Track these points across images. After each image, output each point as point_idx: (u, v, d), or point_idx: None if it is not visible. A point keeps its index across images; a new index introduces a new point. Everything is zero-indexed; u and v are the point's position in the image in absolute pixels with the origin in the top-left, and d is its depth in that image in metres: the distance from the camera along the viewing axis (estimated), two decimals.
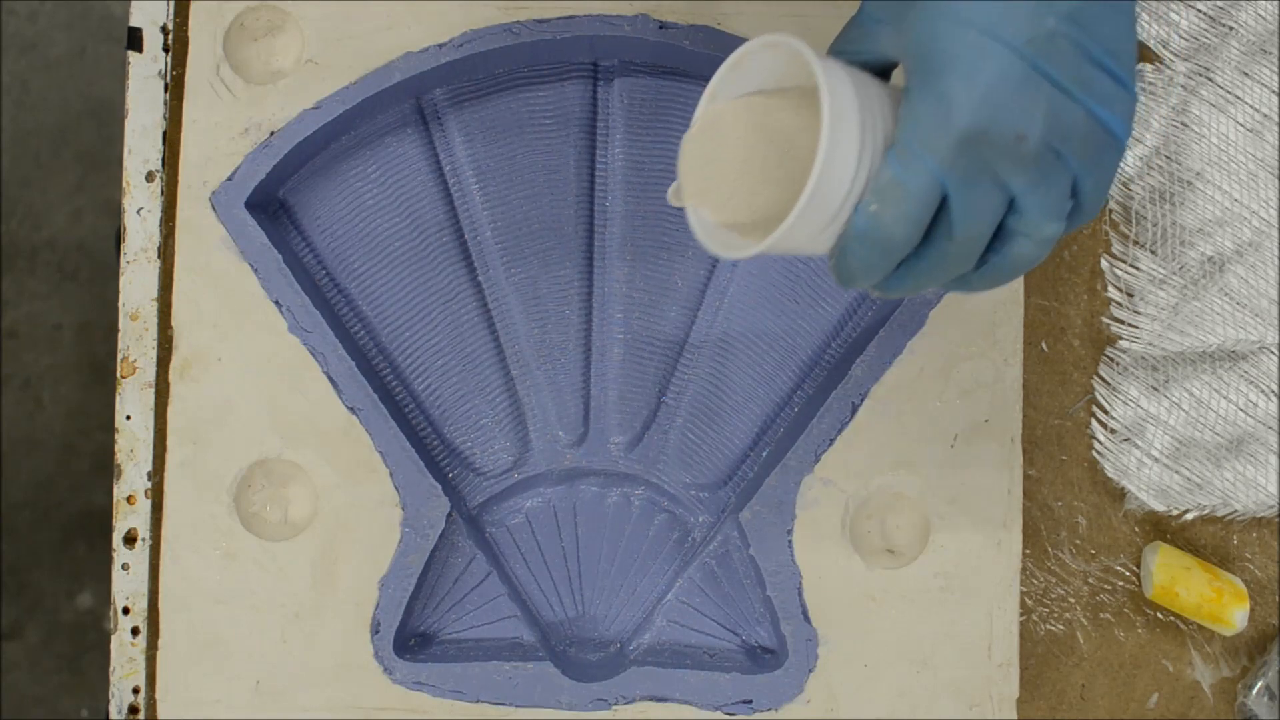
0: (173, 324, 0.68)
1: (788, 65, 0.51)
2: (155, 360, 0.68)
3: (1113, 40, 0.47)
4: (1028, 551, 0.68)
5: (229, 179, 0.68)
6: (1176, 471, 0.68)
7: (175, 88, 0.69)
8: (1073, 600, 0.68)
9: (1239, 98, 0.70)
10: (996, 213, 0.47)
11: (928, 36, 0.46)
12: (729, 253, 0.51)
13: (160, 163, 0.69)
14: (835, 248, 0.49)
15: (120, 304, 0.69)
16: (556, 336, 0.70)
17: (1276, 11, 0.70)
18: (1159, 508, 0.69)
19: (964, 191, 0.47)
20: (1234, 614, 0.66)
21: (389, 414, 0.67)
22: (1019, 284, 0.68)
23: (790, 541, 0.66)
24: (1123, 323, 0.70)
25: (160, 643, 0.66)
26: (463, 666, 0.66)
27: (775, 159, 0.50)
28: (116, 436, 0.68)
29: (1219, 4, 0.71)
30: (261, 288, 0.67)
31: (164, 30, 0.70)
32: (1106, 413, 0.69)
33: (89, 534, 1.47)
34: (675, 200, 0.53)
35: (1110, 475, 0.69)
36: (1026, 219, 0.48)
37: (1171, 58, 0.71)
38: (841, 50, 0.51)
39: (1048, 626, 0.68)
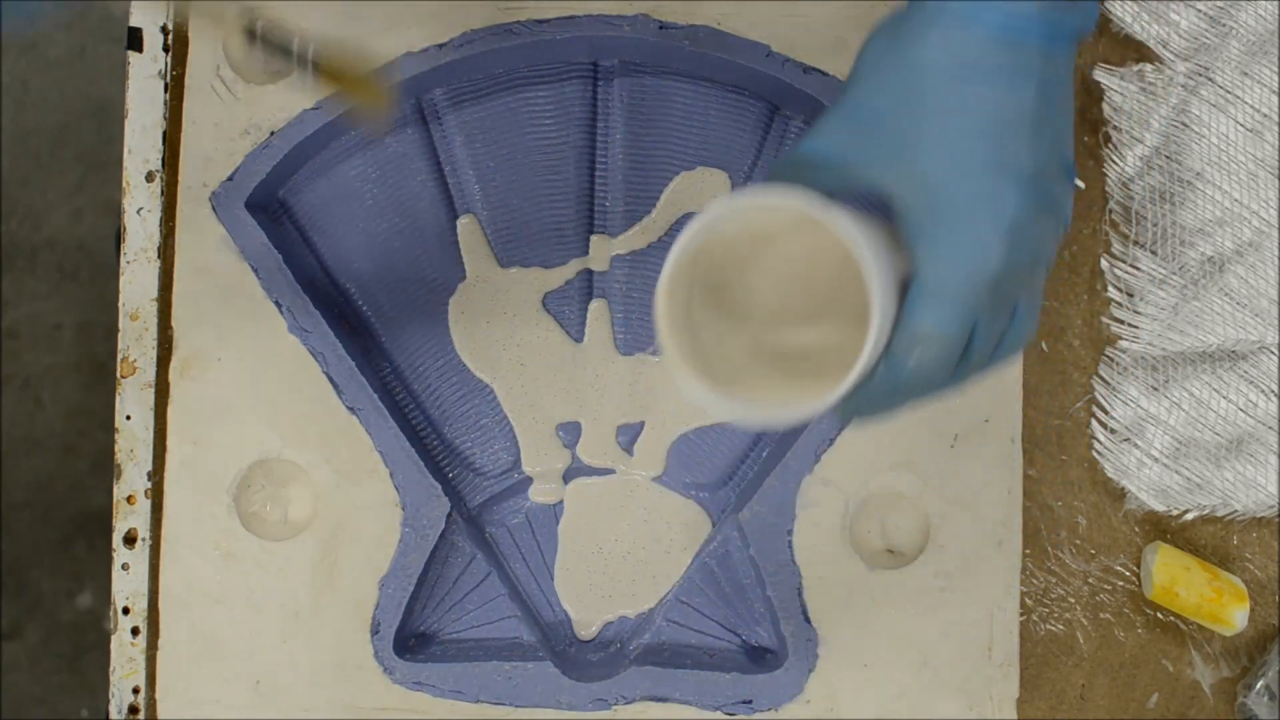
0: (173, 324, 0.68)
1: (772, 212, 0.48)
2: (155, 360, 0.68)
3: (1065, 131, 0.48)
4: (1028, 551, 0.68)
5: (229, 179, 0.68)
6: (1176, 471, 0.68)
7: (175, 88, 0.69)
8: (1073, 600, 0.68)
9: (1239, 98, 0.70)
10: (1005, 328, 0.48)
11: (941, 179, 0.46)
12: (779, 415, 0.48)
13: (160, 163, 0.69)
14: (856, 396, 0.48)
15: (120, 304, 0.69)
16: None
17: (1276, 11, 0.70)
18: (1159, 508, 0.69)
19: (989, 323, 0.47)
20: (1234, 614, 0.66)
21: (389, 414, 0.67)
22: None
23: (790, 541, 0.66)
24: (1123, 323, 0.70)
25: (160, 643, 0.66)
26: (463, 666, 0.66)
27: (813, 291, 0.50)
28: (116, 436, 0.68)
29: (1219, 4, 0.71)
30: (261, 288, 0.67)
31: (164, 30, 0.70)
32: (1106, 413, 0.69)
33: (89, 534, 1.47)
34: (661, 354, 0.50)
35: (1110, 475, 0.69)
36: (1019, 322, 0.49)
37: (1171, 58, 0.71)
38: (802, 182, 0.49)
39: (1048, 626, 0.68)
